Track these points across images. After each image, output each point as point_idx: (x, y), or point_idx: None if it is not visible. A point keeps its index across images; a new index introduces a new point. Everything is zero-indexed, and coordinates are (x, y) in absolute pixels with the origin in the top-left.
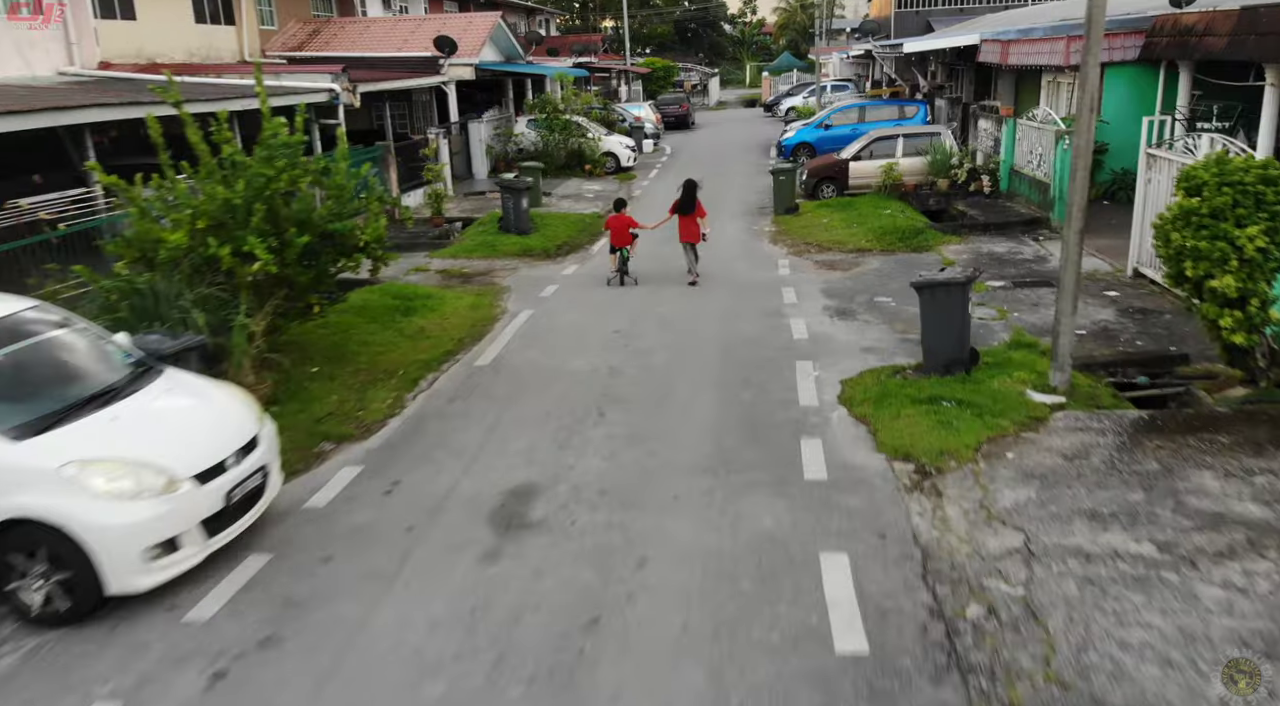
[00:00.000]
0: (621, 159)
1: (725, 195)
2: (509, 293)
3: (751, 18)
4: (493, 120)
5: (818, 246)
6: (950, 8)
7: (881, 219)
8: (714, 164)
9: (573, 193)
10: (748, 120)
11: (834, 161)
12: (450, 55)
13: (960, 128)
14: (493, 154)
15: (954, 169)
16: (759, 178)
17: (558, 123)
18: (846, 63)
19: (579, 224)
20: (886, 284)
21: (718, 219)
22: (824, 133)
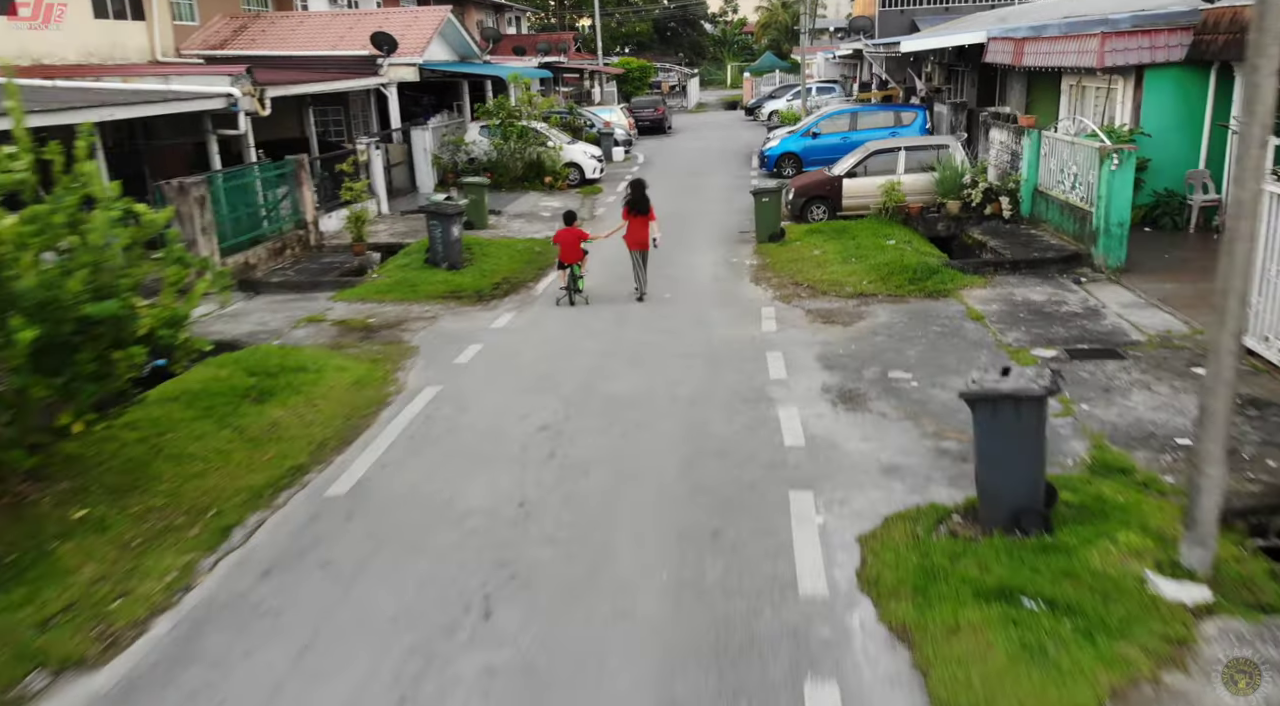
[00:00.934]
0: (586, 170)
1: (700, 217)
2: (414, 357)
3: (733, 16)
4: (441, 127)
5: (810, 288)
6: (935, 7)
7: (885, 252)
8: (690, 176)
9: (527, 210)
10: (728, 124)
11: (825, 178)
12: (390, 54)
13: (966, 137)
14: (440, 165)
15: (966, 189)
16: (739, 194)
17: (513, 130)
18: (832, 63)
19: (526, 254)
20: (902, 349)
21: (691, 248)
22: (811, 142)
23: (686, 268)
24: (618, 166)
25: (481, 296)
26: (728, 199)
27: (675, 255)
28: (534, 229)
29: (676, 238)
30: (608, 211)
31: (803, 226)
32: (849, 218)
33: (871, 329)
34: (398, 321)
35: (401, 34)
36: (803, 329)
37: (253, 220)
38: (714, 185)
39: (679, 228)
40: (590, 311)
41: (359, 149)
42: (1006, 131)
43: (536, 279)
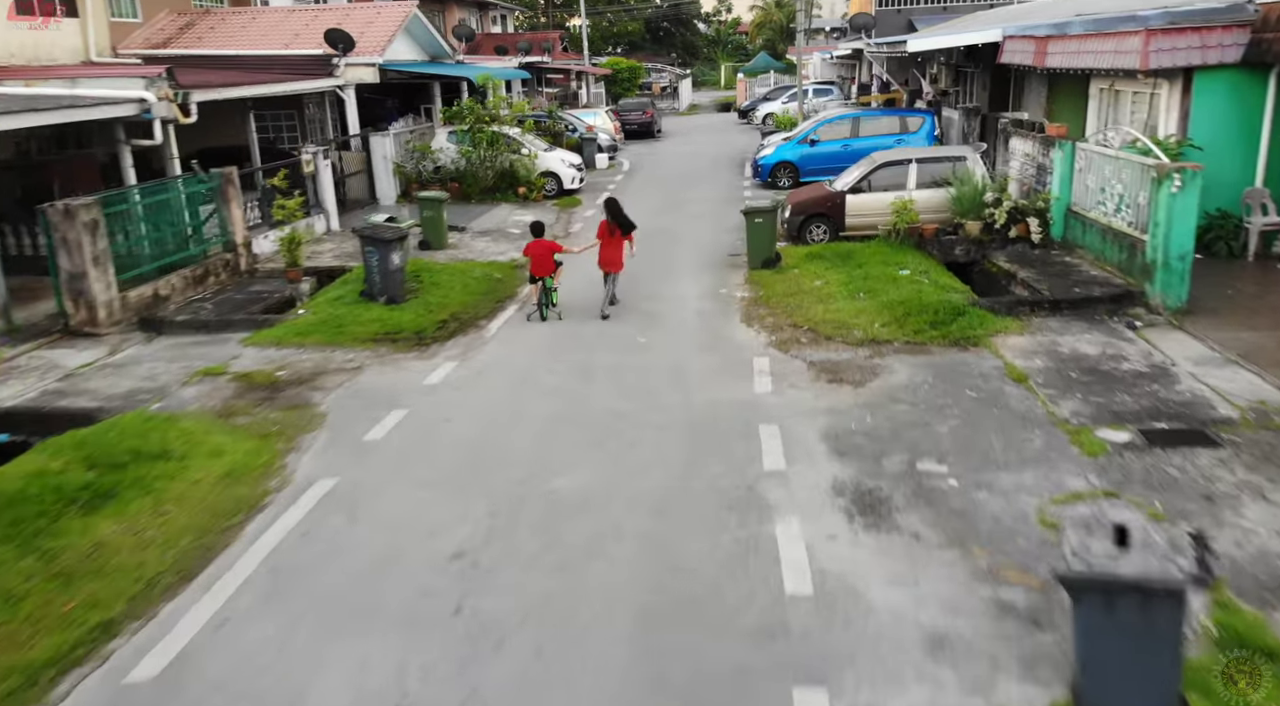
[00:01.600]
0: (564, 180)
1: (687, 236)
2: (317, 431)
3: (727, 16)
4: (406, 132)
5: (810, 331)
6: (934, 6)
7: (899, 285)
8: (677, 187)
9: (495, 226)
10: (721, 128)
11: (826, 195)
12: (346, 53)
13: (985, 148)
14: (403, 174)
15: (988, 208)
16: (731, 209)
17: (483, 136)
18: (829, 63)
19: (483, 282)
20: (931, 424)
21: (675, 274)
22: (809, 150)
23: (668, 300)
24: (600, 175)
25: (421, 339)
26: (718, 214)
27: (656, 284)
28: (499, 249)
29: (659, 262)
30: (586, 226)
31: (801, 249)
32: (853, 239)
33: (890, 392)
34: (312, 374)
35: (361, 31)
36: (804, 389)
37: (169, 244)
38: (703, 198)
39: (662, 249)
40: (550, 357)
41: (304, 159)
42: (1031, 141)
43: (491, 314)
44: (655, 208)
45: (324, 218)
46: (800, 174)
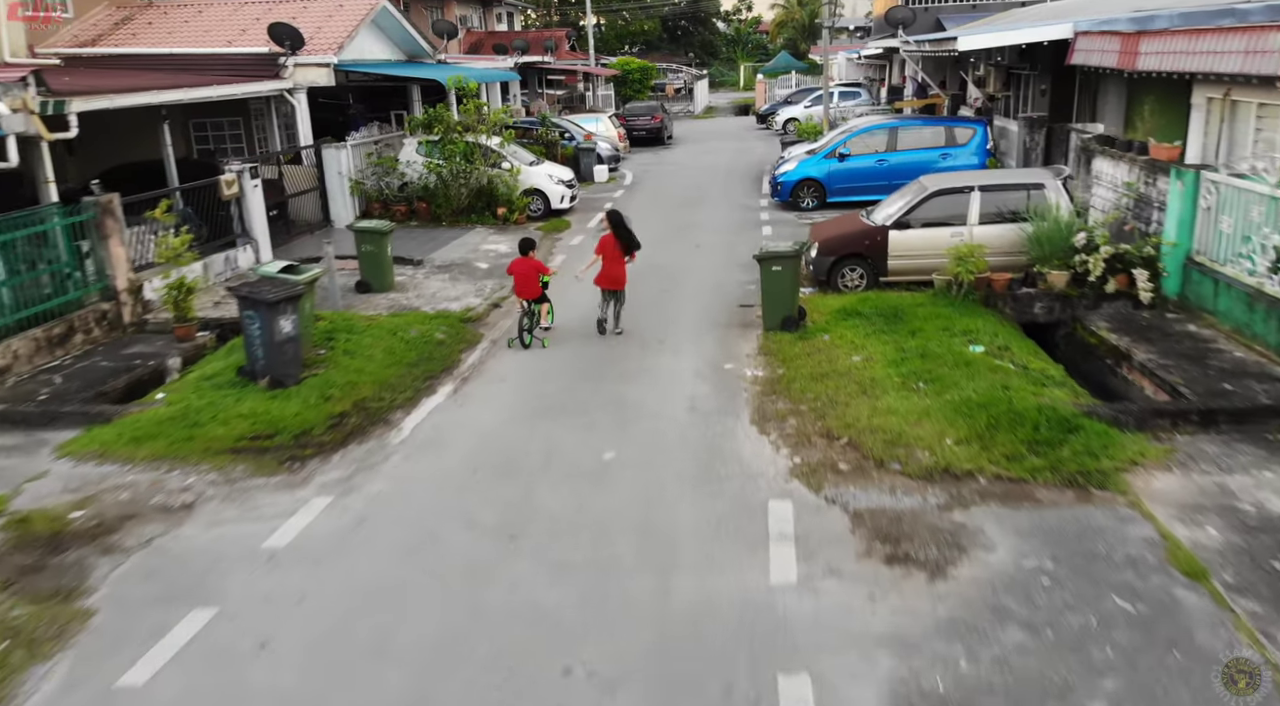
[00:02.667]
0: (552, 198)
1: (687, 275)
2: (63, 650)
3: (747, 14)
4: (368, 143)
5: (853, 447)
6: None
7: (974, 371)
8: (683, 207)
9: (460, 258)
10: (738, 133)
11: (863, 229)
12: (295, 50)
13: (1068, 174)
14: (362, 192)
15: (1079, 254)
16: (743, 238)
17: (455, 148)
18: (856, 64)
19: (418, 346)
20: (1070, 681)
21: (666, 333)
22: (837, 166)
23: (655, 380)
24: (597, 191)
25: (300, 447)
26: (728, 246)
27: (642, 350)
28: (456, 292)
29: (650, 316)
30: (572, 257)
31: (832, 301)
32: (896, 285)
33: (989, 594)
34: (119, 519)
35: (319, 26)
36: (849, 580)
37: (19, 294)
38: (711, 223)
39: (656, 297)
40: (472, 488)
41: (224, 178)
42: (1128, 166)
43: (413, 401)
44: (654, 236)
45: (251, 249)
46: (827, 193)
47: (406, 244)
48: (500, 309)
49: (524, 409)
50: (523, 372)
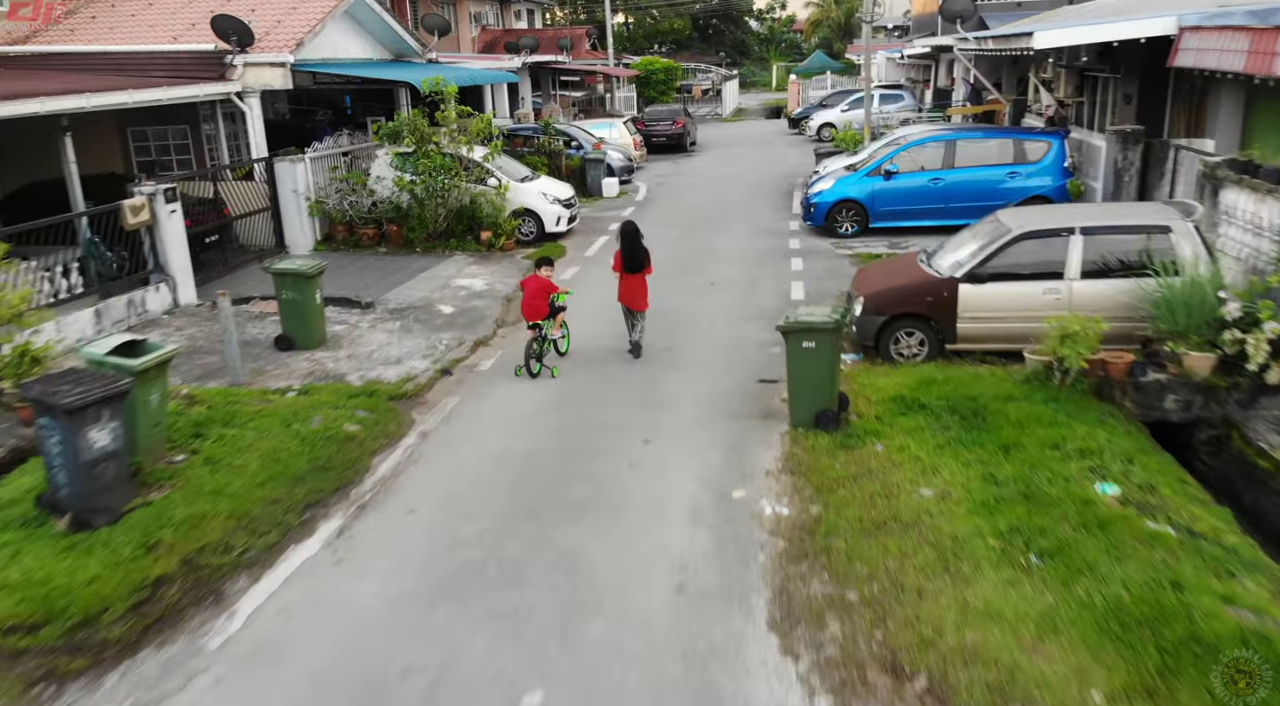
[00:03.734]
0: (546, 220)
1: (693, 331)
2: None
3: (780, 13)
4: (332, 155)
5: (936, 699)
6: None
7: (1113, 540)
8: (696, 231)
9: (421, 299)
10: (768, 139)
11: (924, 280)
12: (244, 47)
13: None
14: (321, 212)
15: (1230, 328)
16: (766, 273)
17: (433, 162)
18: (898, 64)
19: (318, 446)
20: None
21: (653, 432)
22: (883, 185)
23: (622, 521)
24: (605, 207)
25: (76, 646)
26: (750, 282)
27: (617, 453)
28: (404, 348)
29: (639, 385)
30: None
31: (883, 380)
32: (967, 355)
33: None
34: None
35: (279, 19)
36: None
37: None
38: (732, 250)
39: (653, 354)
40: None
41: (129, 204)
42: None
43: (276, 551)
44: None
45: (167, 288)
46: (869, 217)
47: (364, 276)
48: (452, 377)
49: (426, 577)
50: (442, 495)
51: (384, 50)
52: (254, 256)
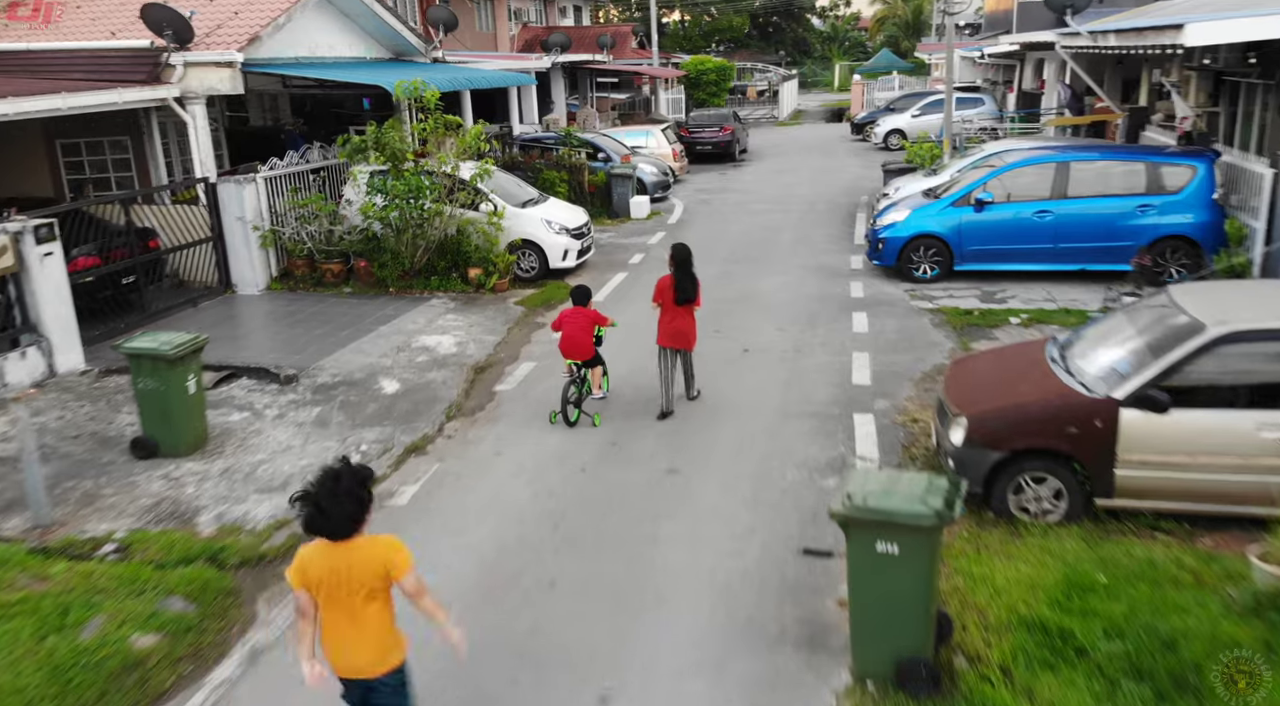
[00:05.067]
0: (550, 253)
1: (715, 444)
2: None
3: (844, 10)
4: (297, 174)
5: None
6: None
7: None
8: (736, 267)
9: (364, 368)
10: (828, 146)
11: (1063, 398)
12: (183, 45)
13: None
14: (276, 243)
15: None
16: (819, 334)
17: (407, 184)
18: (975, 63)
19: (88, 677)
20: None
21: (628, 663)
22: (973, 218)
23: None
24: (631, 232)
25: None
26: (798, 348)
27: None
28: (304, 460)
29: (614, 557)
30: (551, 362)
31: (1001, 568)
32: (1127, 514)
33: None
34: None
35: (235, 12)
36: None
37: None
38: (777, 296)
39: (647, 488)
40: None
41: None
42: None
43: None
44: None
45: (39, 354)
46: (954, 258)
47: (309, 330)
48: None
49: None
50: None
51: (381, 48)
52: (191, 299)
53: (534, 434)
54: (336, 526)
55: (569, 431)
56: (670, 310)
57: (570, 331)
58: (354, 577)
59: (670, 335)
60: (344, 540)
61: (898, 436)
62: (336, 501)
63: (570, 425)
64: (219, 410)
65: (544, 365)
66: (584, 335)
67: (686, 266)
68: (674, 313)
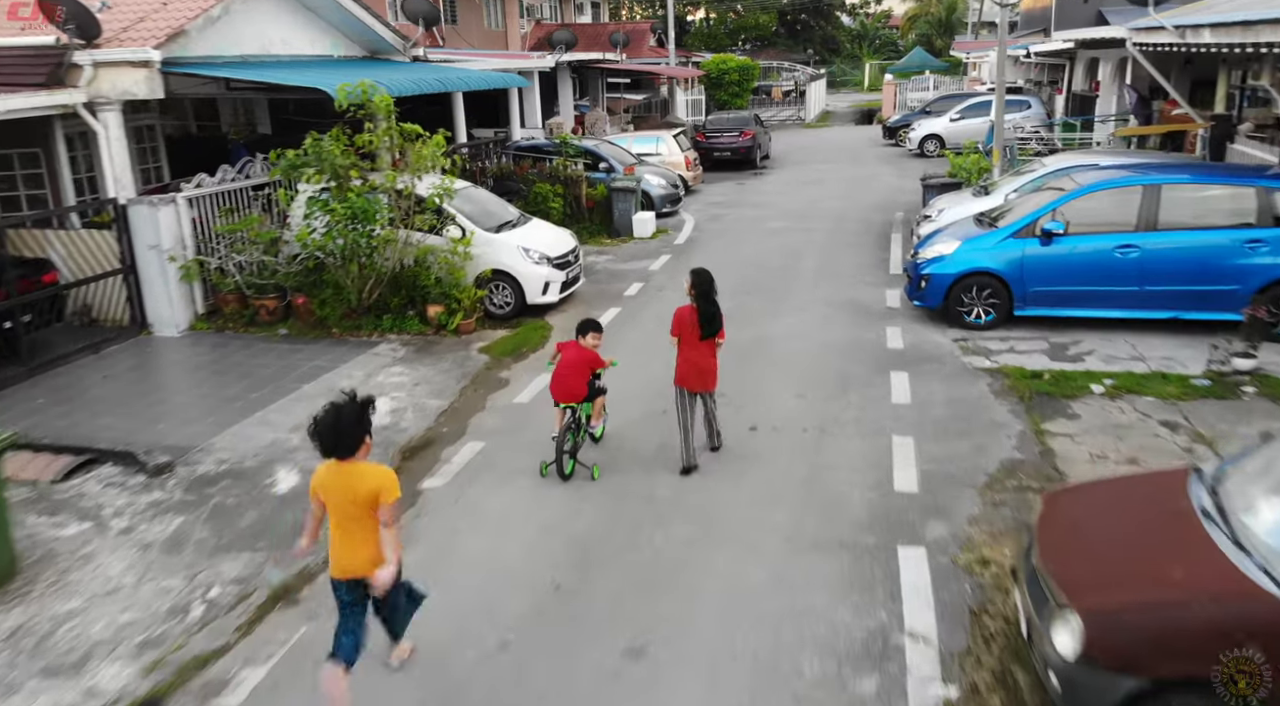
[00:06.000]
0: (528, 286)
1: (674, 659)
2: None
3: (875, 8)
4: (224, 192)
5: None
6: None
7: None
8: (747, 300)
9: (263, 450)
10: (857, 151)
11: (1248, 600)
12: (89, 41)
13: None
14: (201, 276)
15: None
16: (852, 401)
17: (354, 207)
18: (1021, 62)
19: None
20: None
21: None
22: (1039, 251)
23: None
24: (631, 255)
25: None
26: (819, 427)
27: None
28: (128, 615)
29: None
30: (518, 423)
31: None
32: None
33: None
34: None
35: (163, 3)
36: None
37: None
38: (793, 353)
39: (593, 693)
40: None
41: None
42: None
43: None
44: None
45: None
46: (1014, 299)
47: (219, 389)
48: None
49: None
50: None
51: (352, 45)
52: (93, 344)
53: (459, 563)
54: (339, 449)
55: (505, 553)
56: (692, 345)
57: (563, 369)
58: (352, 493)
59: (690, 375)
60: (346, 461)
61: (963, 591)
62: (338, 432)
63: (565, 479)
64: (55, 518)
65: (494, 446)
66: (576, 376)
67: (710, 295)
68: (695, 348)
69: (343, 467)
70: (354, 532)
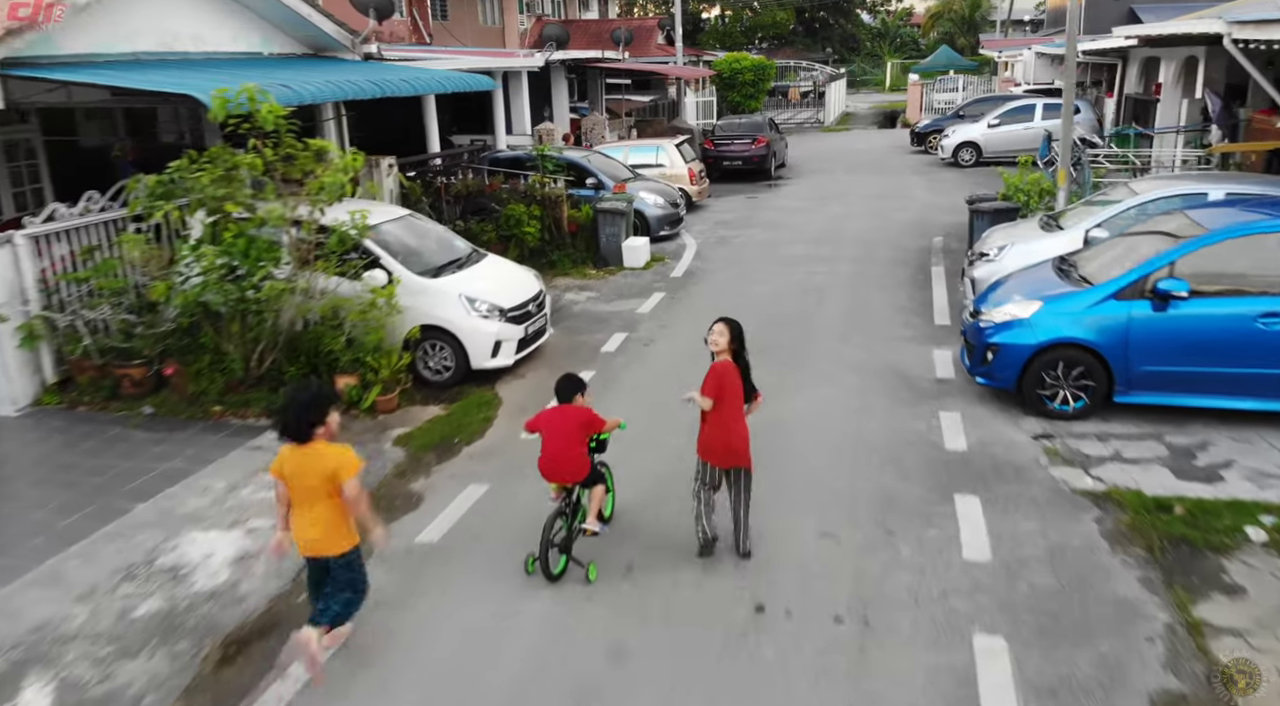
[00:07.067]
0: (472, 346)
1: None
2: None
3: (896, 5)
4: (94, 225)
5: None
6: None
7: None
8: (754, 363)
9: (35, 628)
10: (882, 159)
11: None
12: None
13: None
14: (51, 337)
15: None
16: (894, 556)
17: (234, 250)
18: (1054, 62)
19: None
20: None
21: None
22: (1147, 316)
23: None
24: (618, 292)
25: None
26: (861, 612)
27: None
28: None
29: None
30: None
31: None
32: None
33: None
34: None
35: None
36: None
37: None
38: (814, 455)
39: None
40: None
41: None
42: None
43: None
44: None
45: None
46: (1114, 383)
47: (25, 509)
48: None
49: None
50: None
51: (288, 41)
52: None
53: None
54: (296, 433)
55: None
56: (732, 410)
57: (552, 445)
58: (310, 474)
59: (720, 448)
60: (303, 445)
61: None
62: (296, 416)
63: (552, 579)
64: None
65: (362, 643)
66: (571, 447)
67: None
68: (732, 414)
69: (300, 450)
70: (314, 509)
